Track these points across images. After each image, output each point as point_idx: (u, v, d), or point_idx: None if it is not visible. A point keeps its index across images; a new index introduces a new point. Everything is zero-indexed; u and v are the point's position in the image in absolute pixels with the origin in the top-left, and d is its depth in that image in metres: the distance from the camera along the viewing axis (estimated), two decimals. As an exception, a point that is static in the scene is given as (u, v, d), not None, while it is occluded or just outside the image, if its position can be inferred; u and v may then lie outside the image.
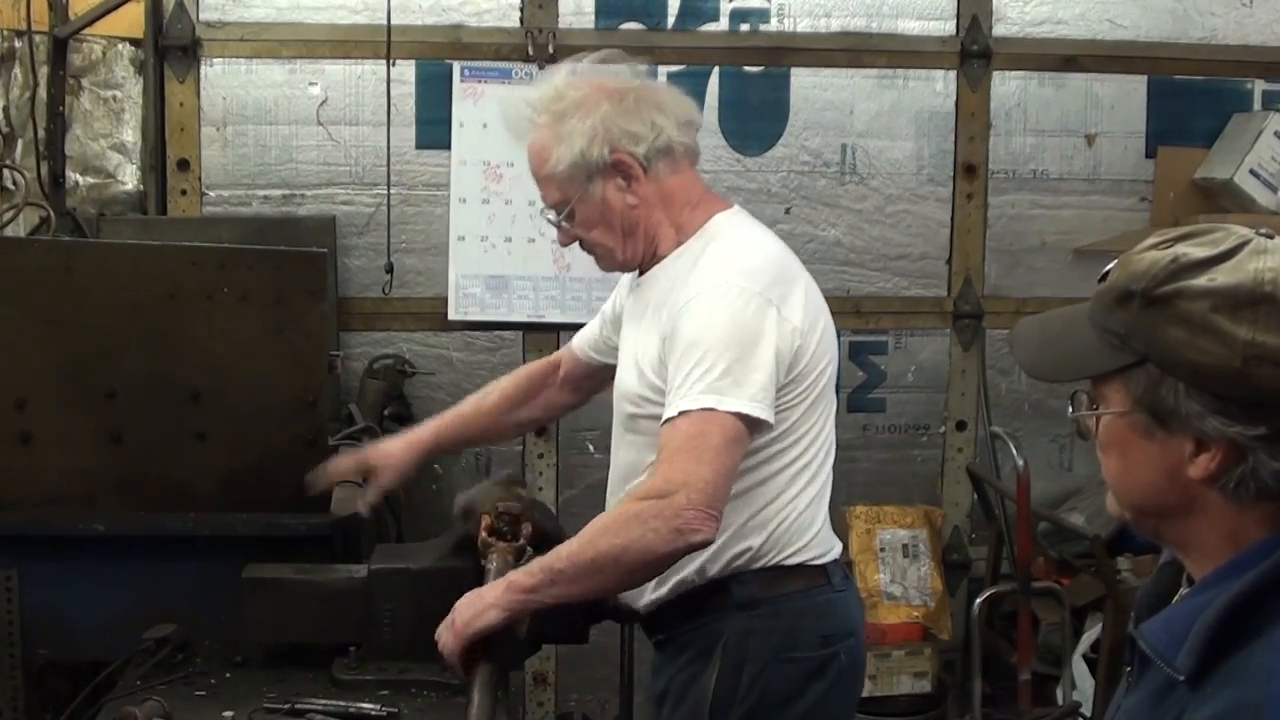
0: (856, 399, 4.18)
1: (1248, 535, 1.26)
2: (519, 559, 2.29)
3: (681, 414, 2.04)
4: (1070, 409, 1.39)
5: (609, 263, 2.35)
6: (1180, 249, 1.27)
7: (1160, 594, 1.40)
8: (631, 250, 2.29)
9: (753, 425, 2.07)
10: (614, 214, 2.26)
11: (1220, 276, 1.23)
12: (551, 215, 2.30)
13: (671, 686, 2.30)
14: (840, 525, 3.82)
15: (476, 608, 2.05)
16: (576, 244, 2.33)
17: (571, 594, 2.06)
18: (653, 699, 2.40)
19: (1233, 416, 1.22)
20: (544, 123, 2.24)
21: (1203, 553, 1.30)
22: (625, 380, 2.32)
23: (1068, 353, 1.35)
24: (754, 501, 2.21)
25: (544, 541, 2.32)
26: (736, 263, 2.17)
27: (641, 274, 2.35)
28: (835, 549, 2.32)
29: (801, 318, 2.16)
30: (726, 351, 2.06)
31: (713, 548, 2.14)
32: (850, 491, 4.05)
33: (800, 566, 2.24)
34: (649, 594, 2.29)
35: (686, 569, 2.22)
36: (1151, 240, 1.31)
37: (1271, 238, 1.27)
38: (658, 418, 2.12)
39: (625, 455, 2.34)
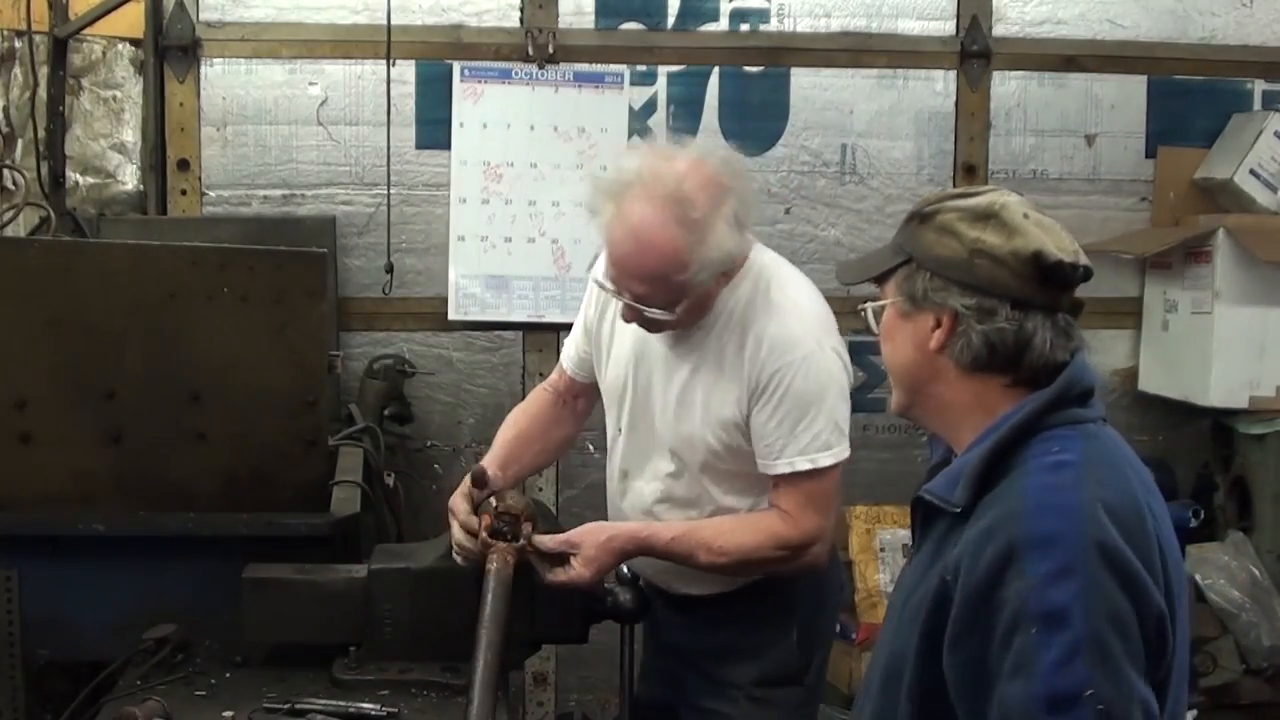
0: (856, 399, 4.07)
1: (997, 407, 1.68)
2: (519, 559, 2.29)
3: (798, 473, 2.35)
4: (861, 311, 1.85)
5: (670, 329, 2.38)
6: (953, 190, 1.74)
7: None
8: (697, 316, 2.36)
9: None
10: (708, 296, 2.35)
11: (969, 201, 1.73)
12: (658, 313, 2.30)
13: (742, 643, 2.51)
14: (840, 525, 3.84)
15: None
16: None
17: (688, 559, 2.38)
18: (690, 653, 2.58)
19: (954, 293, 1.68)
20: (676, 225, 2.21)
21: (963, 428, 1.71)
22: (690, 427, 2.41)
23: (867, 264, 1.87)
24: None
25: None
26: (809, 317, 2.38)
27: None
28: None
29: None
30: (826, 406, 2.35)
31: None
32: (850, 491, 4.02)
33: None
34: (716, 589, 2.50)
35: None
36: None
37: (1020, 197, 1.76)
38: (737, 470, 2.41)
39: (693, 492, 2.47)
